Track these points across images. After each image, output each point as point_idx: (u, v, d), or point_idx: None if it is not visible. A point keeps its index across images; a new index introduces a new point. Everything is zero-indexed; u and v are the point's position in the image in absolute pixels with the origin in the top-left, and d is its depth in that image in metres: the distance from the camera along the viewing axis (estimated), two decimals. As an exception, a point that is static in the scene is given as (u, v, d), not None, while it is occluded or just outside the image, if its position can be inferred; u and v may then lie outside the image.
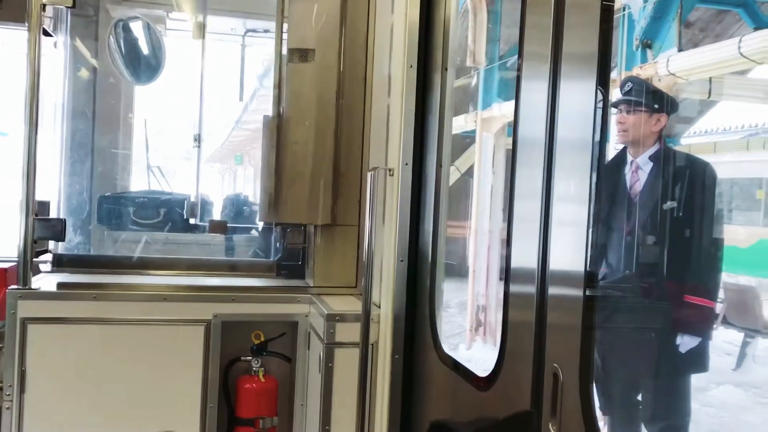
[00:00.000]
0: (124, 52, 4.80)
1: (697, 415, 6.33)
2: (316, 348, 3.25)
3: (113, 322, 3.28)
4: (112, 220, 4.30)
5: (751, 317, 9.26)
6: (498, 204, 11.42)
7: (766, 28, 9.26)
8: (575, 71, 1.82)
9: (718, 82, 9.47)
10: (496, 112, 11.42)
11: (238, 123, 9.36)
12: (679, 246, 3.84)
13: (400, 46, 2.85)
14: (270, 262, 3.97)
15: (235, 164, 14.70)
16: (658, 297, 3.84)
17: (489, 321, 10.89)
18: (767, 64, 9.08)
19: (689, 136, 15.82)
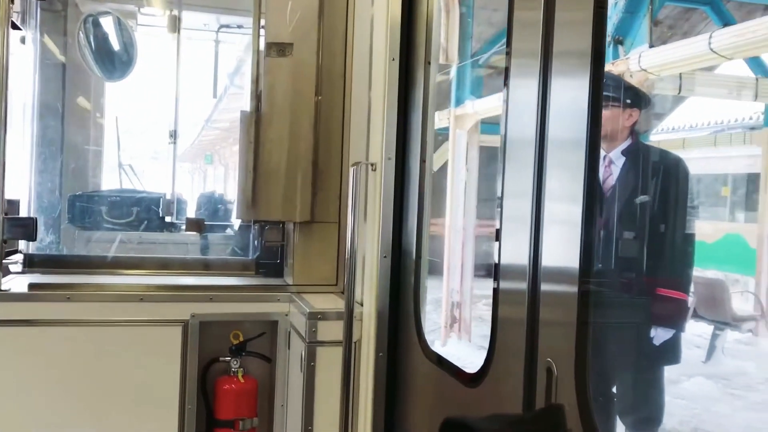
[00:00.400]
0: (94, 48, 4.70)
1: (669, 407, 6.40)
2: (297, 347, 3.19)
3: (87, 323, 3.19)
4: (84, 219, 4.20)
5: (720, 310, 9.43)
6: (472, 201, 11.49)
7: (732, 25, 9.49)
8: (567, 67, 1.79)
9: (688, 78, 9.63)
10: (469, 109, 11.44)
11: (208, 122, 9.25)
12: (652, 240, 3.89)
13: (382, 38, 2.81)
14: (248, 260, 3.90)
15: (206, 164, 14.53)
16: (632, 290, 3.88)
17: (464, 317, 10.93)
18: (736, 60, 9.32)
19: (658, 132, 16.10)
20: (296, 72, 3.45)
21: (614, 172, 3.90)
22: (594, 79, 1.68)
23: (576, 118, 1.73)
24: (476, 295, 11.95)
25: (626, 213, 3.88)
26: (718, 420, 7.27)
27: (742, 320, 9.68)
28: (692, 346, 9.26)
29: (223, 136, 11.45)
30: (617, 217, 3.87)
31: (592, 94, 1.68)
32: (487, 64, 12.42)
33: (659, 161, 4.09)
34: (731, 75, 11.27)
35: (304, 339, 3.00)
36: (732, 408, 7.60)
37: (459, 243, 11.16)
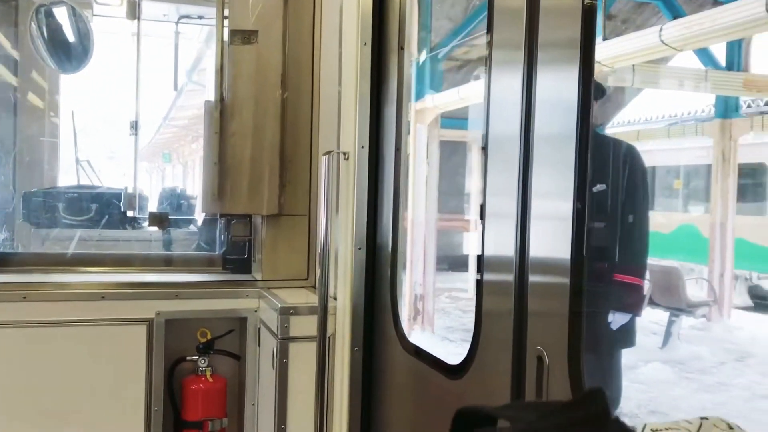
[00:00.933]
0: (47, 39, 4.51)
1: (627, 392, 7.25)
2: (268, 344, 3.09)
3: (46, 324, 3.04)
4: (41, 216, 4.02)
5: (675, 297, 9.73)
6: (433, 195, 11.57)
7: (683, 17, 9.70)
8: (554, 58, 1.73)
9: (641, 70, 9.82)
10: (429, 103, 11.47)
11: (166, 119, 9.05)
12: (609, 227, 3.96)
13: (353, 23, 2.72)
14: (214, 255, 3.77)
15: (164, 162, 14.24)
16: (605, 278, 3.92)
17: (427, 310, 11.04)
18: (687, 51, 9.48)
19: (613, 126, 16.44)
20: (262, 60, 3.35)
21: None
22: (584, 68, 1.62)
23: (565, 109, 1.67)
24: (439, 288, 12.16)
25: (592, 203, 3.92)
26: (673, 402, 7.55)
27: (696, 306, 10.05)
28: (649, 333, 9.61)
29: (181, 134, 11.23)
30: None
31: (582, 82, 1.62)
32: (446, 58, 12.46)
33: (615, 151, 4.16)
34: (684, 67, 11.48)
35: (276, 335, 2.90)
36: (687, 390, 7.93)
37: (421, 236, 11.21)
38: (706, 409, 7.28)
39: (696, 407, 7.38)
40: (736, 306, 12.48)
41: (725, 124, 11.92)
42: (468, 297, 12.98)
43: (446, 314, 12.07)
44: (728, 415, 2.76)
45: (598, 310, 3.87)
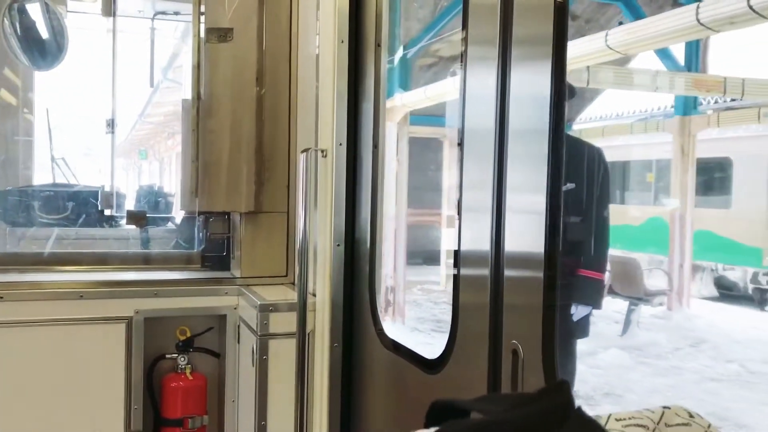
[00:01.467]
0: (20, 36, 4.46)
1: (585, 376, 7.86)
2: (247, 341, 3.10)
3: (24, 323, 3.02)
4: (16, 215, 3.99)
5: (634, 287, 10.29)
6: (403, 191, 11.81)
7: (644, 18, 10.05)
8: (527, 54, 1.76)
9: (594, 71, 10.20)
10: (398, 101, 11.67)
11: (141, 116, 8.98)
12: (576, 224, 4.09)
13: (330, 20, 2.73)
14: (193, 253, 3.76)
15: (140, 159, 14.15)
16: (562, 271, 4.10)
17: (397, 301, 11.27)
18: (632, 54, 9.77)
19: (583, 121, 16.78)
20: (238, 57, 3.35)
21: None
22: (556, 64, 1.65)
23: (538, 105, 1.70)
24: (412, 281, 12.57)
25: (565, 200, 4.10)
26: (627, 385, 7.96)
27: (654, 295, 10.60)
28: (612, 321, 10.25)
29: (157, 131, 11.18)
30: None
31: (555, 79, 1.65)
32: (414, 57, 12.66)
33: (578, 150, 4.29)
34: (635, 68, 11.80)
35: (256, 332, 2.91)
36: (641, 374, 8.43)
37: (392, 231, 11.39)
38: (657, 392, 7.78)
39: (649, 390, 7.84)
40: (703, 296, 13.15)
41: (684, 121, 12.38)
42: (439, 289, 13.29)
43: (418, 306, 12.38)
44: (678, 397, 2.92)
45: (566, 303, 4.02)
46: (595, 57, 8.82)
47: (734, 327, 10.97)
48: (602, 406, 7.14)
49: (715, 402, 7.40)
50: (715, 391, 7.84)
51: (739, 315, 12.29)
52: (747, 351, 9.56)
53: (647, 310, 10.89)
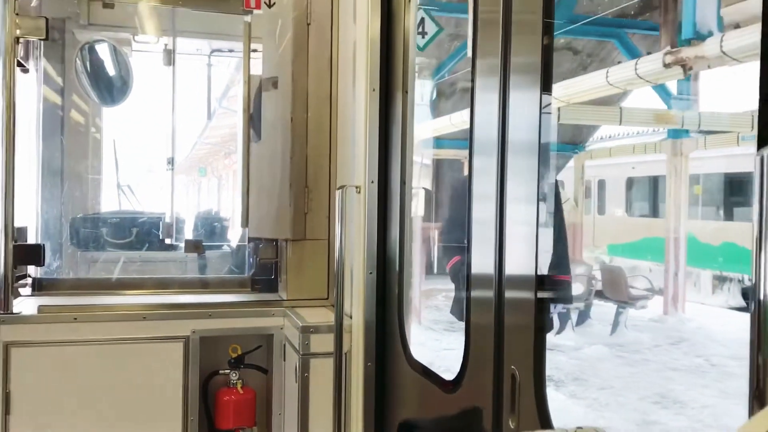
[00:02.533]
0: (91, 75, 4.89)
1: (563, 365, 9.39)
2: (291, 359, 3.40)
3: (94, 342, 3.39)
4: (87, 242, 4.40)
5: (620, 292, 11.76)
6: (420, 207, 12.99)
7: (638, 56, 11.34)
8: (522, 81, 2.01)
9: (567, 109, 11.98)
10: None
11: (200, 138, 9.50)
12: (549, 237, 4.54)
13: (363, 70, 3.02)
14: (244, 277, 4.10)
15: (200, 176, 14.86)
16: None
17: (415, 305, 12.30)
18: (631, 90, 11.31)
19: (595, 141, 17.77)
20: (287, 101, 3.66)
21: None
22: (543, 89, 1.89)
23: (530, 145, 1.94)
24: (437, 289, 14.21)
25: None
26: (597, 372, 9.31)
27: (637, 299, 11.95)
28: (607, 323, 11.72)
29: (214, 150, 11.82)
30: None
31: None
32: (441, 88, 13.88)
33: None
34: (603, 107, 13.14)
35: (298, 351, 3.20)
36: (613, 365, 9.82)
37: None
38: (619, 377, 9.19)
39: (613, 376, 9.21)
40: (731, 306, 14.20)
41: (676, 144, 13.84)
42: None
43: (438, 310, 13.63)
44: (635, 380, 3.28)
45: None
46: (594, 92, 10.32)
47: (725, 329, 12.16)
48: (567, 387, 8.58)
49: (663, 384, 8.87)
50: (669, 377, 9.28)
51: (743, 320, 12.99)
52: (719, 348, 10.79)
53: (646, 314, 12.41)
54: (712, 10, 9.07)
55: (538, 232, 1.84)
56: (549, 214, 2.96)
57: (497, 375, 2.03)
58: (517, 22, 2.02)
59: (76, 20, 4.96)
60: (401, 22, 2.95)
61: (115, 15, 4.93)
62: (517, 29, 2.01)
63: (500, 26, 2.07)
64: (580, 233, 16.07)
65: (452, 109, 13.28)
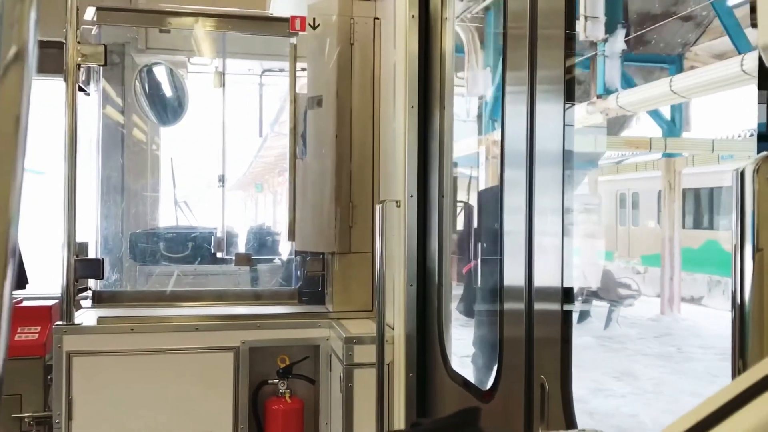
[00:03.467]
0: (149, 96, 5.12)
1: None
2: (337, 369, 3.49)
3: (149, 352, 3.55)
4: (145, 255, 4.60)
5: (610, 292, 13.40)
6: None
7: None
8: (547, 93, 2.07)
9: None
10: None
11: (256, 157, 9.84)
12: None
13: (402, 88, 3.11)
14: (292, 289, 4.23)
15: (256, 192, 15.38)
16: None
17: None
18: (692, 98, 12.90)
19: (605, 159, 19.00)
20: (331, 117, 3.78)
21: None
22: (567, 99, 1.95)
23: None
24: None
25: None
26: (583, 360, 9.88)
27: (624, 298, 13.68)
28: (601, 319, 13.18)
29: (269, 168, 12.32)
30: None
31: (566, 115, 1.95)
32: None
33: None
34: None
35: (342, 362, 3.29)
36: (594, 352, 11.11)
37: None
38: (594, 360, 10.43)
39: (588, 358, 10.32)
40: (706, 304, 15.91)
41: (670, 162, 15.91)
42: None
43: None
44: (606, 363, 3.39)
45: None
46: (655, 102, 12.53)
47: (712, 326, 13.30)
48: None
49: (628, 365, 10.32)
50: (637, 360, 10.82)
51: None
52: (695, 340, 12.30)
53: (645, 314, 14.16)
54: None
55: (564, 244, 1.89)
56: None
57: (528, 385, 2.08)
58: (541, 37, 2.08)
59: (134, 45, 5.20)
60: (438, 41, 3.03)
61: (172, 39, 5.16)
62: (542, 43, 2.07)
63: (527, 40, 2.14)
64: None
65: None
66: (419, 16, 3.09)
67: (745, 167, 0.87)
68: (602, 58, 12.21)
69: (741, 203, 0.88)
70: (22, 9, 0.59)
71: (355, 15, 3.80)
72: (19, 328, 3.92)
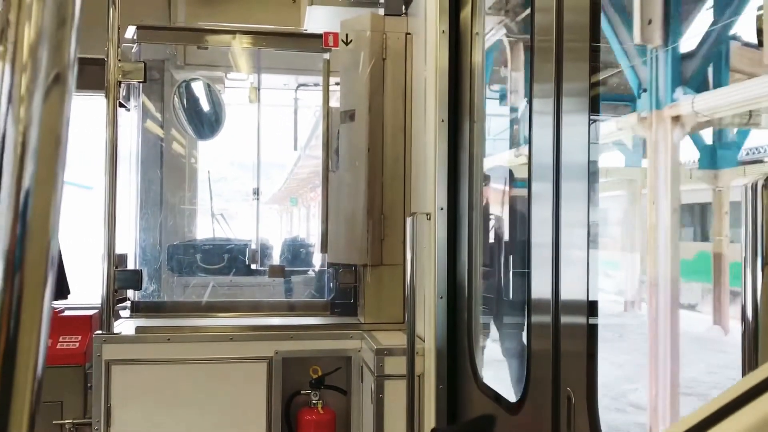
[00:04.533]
0: (187, 111, 5.24)
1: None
2: (368, 381, 3.52)
3: (186, 361, 3.63)
4: (182, 267, 4.70)
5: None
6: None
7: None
8: (573, 104, 2.09)
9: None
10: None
11: (292, 173, 9.99)
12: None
13: (432, 102, 3.15)
14: (324, 301, 4.28)
15: (291, 205, 15.64)
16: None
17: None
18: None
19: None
20: (364, 130, 3.84)
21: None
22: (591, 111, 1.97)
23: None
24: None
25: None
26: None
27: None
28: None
29: (304, 183, 12.64)
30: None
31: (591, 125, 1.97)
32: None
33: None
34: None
35: (373, 373, 3.32)
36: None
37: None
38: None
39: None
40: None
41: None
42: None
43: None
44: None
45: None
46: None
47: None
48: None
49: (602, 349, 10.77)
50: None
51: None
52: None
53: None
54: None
55: (589, 257, 1.90)
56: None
57: (555, 397, 2.09)
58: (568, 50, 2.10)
59: (173, 61, 5.34)
60: (468, 55, 3.07)
61: (209, 55, 5.28)
62: (568, 56, 2.10)
63: (553, 53, 2.16)
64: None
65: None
66: (449, 31, 3.13)
67: (756, 181, 0.89)
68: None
69: (753, 217, 0.89)
70: (64, 32, 0.65)
71: (387, 30, 3.86)
72: (61, 337, 4.04)
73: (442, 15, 3.16)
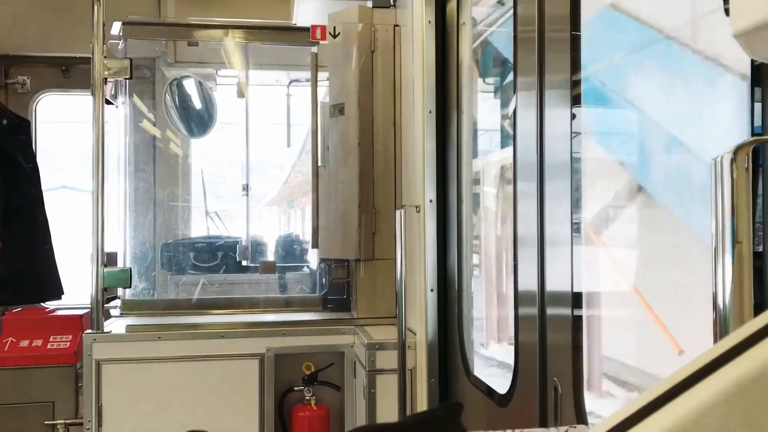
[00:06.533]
0: (178, 109, 5.21)
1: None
2: (360, 376, 3.50)
3: (177, 359, 3.60)
4: (172, 264, 4.67)
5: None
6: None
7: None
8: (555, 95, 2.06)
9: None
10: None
11: (289, 177, 9.99)
12: None
13: (420, 93, 3.12)
14: (316, 297, 4.25)
15: (288, 208, 15.72)
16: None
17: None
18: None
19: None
20: (354, 124, 3.81)
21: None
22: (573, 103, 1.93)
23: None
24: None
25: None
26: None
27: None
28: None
29: (300, 185, 12.74)
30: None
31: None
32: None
33: None
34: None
35: (365, 368, 3.30)
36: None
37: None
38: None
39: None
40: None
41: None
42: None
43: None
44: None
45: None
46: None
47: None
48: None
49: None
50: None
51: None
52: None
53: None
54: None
55: (573, 249, 1.88)
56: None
57: (542, 387, 2.06)
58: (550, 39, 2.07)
59: (164, 59, 5.30)
60: (454, 46, 3.04)
61: (200, 52, 5.24)
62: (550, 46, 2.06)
63: (536, 44, 2.13)
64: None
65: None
66: (435, 22, 3.10)
67: (722, 156, 0.86)
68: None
69: (720, 194, 0.86)
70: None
71: (375, 23, 3.83)
72: (51, 337, 4.01)
73: (428, 5, 3.13)
